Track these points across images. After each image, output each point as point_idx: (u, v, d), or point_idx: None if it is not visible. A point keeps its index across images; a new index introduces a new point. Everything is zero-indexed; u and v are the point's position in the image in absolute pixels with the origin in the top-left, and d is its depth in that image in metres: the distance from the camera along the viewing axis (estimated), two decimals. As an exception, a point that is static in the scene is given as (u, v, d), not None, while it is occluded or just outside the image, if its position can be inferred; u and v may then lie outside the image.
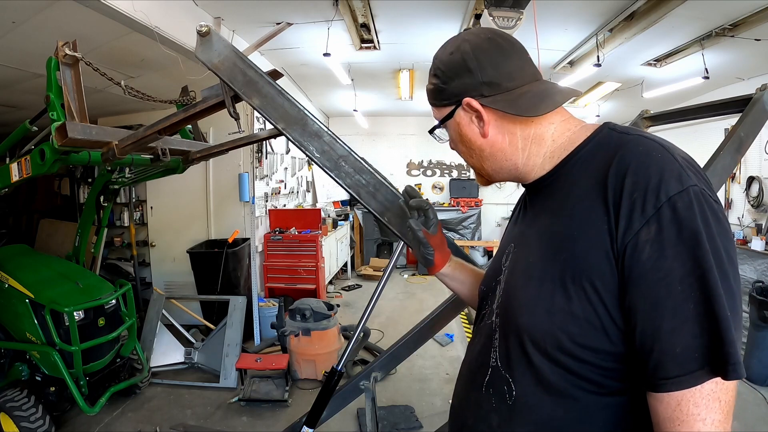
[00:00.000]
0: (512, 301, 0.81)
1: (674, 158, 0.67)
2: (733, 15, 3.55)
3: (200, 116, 1.52)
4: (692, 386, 0.60)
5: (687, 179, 0.65)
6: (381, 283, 1.20)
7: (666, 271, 0.62)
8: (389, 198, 1.19)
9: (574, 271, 0.70)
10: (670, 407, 0.62)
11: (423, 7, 3.59)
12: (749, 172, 5.19)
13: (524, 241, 0.86)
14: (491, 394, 0.82)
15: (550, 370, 0.72)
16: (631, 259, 0.64)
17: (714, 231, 0.62)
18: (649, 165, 0.67)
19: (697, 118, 1.79)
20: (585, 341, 0.69)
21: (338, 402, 1.89)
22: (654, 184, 0.64)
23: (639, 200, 0.65)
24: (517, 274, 0.83)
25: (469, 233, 8.22)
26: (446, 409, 3.60)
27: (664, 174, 0.65)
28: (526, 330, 0.75)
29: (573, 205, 0.75)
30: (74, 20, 2.72)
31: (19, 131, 2.51)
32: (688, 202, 0.63)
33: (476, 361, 0.88)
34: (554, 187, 0.81)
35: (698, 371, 0.60)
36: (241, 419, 3.24)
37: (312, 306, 3.89)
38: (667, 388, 0.62)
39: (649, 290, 0.63)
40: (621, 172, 0.68)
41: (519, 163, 0.84)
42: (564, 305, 0.70)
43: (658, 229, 0.63)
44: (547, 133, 0.83)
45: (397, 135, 8.99)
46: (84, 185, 5.42)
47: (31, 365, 2.88)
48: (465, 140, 0.87)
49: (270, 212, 5.54)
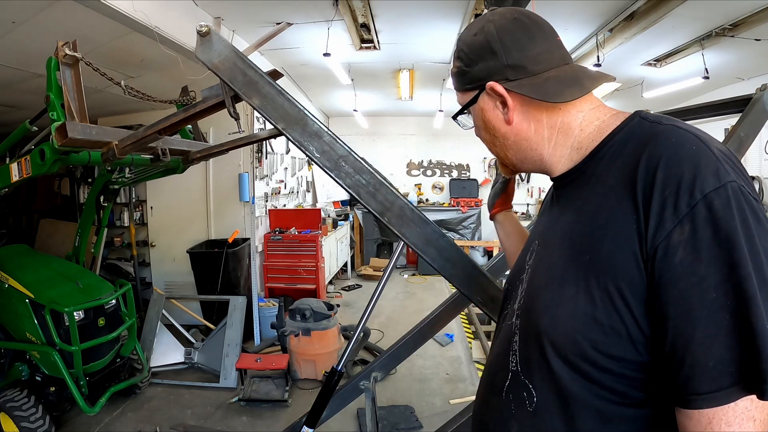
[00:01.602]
0: (533, 303, 0.76)
1: (711, 151, 0.61)
2: (733, 15, 3.55)
3: (200, 116, 1.53)
4: (725, 404, 0.56)
5: (725, 174, 0.59)
6: (381, 283, 1.20)
7: (700, 277, 0.57)
8: (389, 198, 1.19)
9: (598, 274, 0.65)
10: (700, 425, 0.57)
11: (423, 7, 3.59)
12: (749, 172, 5.16)
13: (548, 239, 0.81)
14: (511, 400, 0.77)
15: (570, 377, 0.68)
16: (662, 262, 0.59)
17: (754, 232, 0.57)
18: (682, 158, 0.61)
19: (697, 118, 1.79)
20: (608, 349, 0.64)
21: (338, 402, 1.89)
22: (688, 179, 0.59)
23: (671, 197, 0.59)
24: (539, 274, 0.79)
25: (469, 233, 8.22)
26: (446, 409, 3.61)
27: (700, 168, 0.59)
28: (546, 334, 0.71)
29: (599, 202, 0.69)
30: (74, 20, 2.72)
31: (19, 131, 2.51)
32: (725, 200, 0.57)
33: (496, 364, 0.84)
34: (580, 182, 0.76)
35: (731, 388, 0.55)
36: (241, 419, 3.24)
37: (312, 306, 3.89)
38: (698, 405, 0.57)
39: (681, 297, 0.58)
40: (652, 166, 0.62)
41: (545, 154, 0.80)
42: (587, 310, 0.65)
43: (692, 229, 0.58)
44: (575, 121, 0.77)
45: (397, 135, 8.99)
46: (84, 185, 5.42)
47: (31, 365, 2.87)
48: (489, 127, 0.83)
49: (270, 212, 5.54)
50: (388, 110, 8.31)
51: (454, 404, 3.37)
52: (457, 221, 8.22)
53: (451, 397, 3.49)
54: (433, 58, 4.92)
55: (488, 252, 8.26)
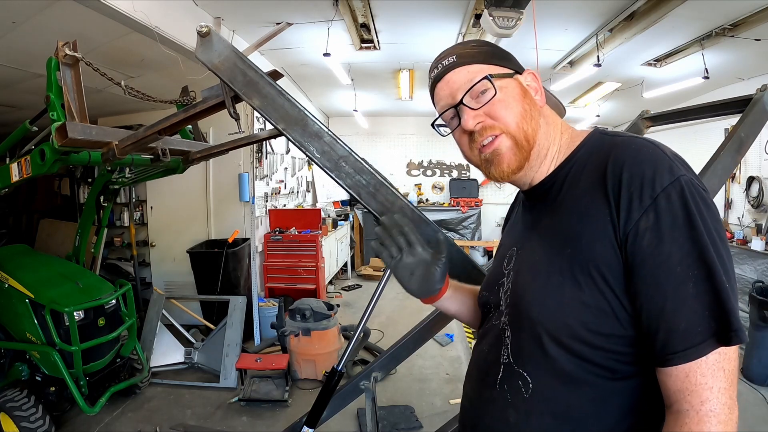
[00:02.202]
0: (523, 298, 0.83)
1: (664, 153, 0.73)
2: (733, 15, 3.55)
3: (200, 116, 1.53)
4: (698, 357, 0.65)
5: (677, 170, 0.70)
6: (381, 283, 1.20)
7: (665, 255, 0.67)
8: (389, 198, 1.19)
9: (581, 262, 0.74)
10: (678, 379, 0.67)
11: (423, 7, 3.59)
12: (749, 172, 5.18)
13: (528, 243, 0.88)
14: (506, 390, 0.82)
15: (566, 359, 0.75)
16: (633, 246, 0.70)
17: (705, 214, 0.68)
18: (642, 160, 0.72)
19: (697, 118, 1.79)
20: (598, 328, 0.73)
21: (338, 402, 1.89)
22: (649, 176, 0.70)
23: (636, 192, 0.70)
24: (523, 274, 0.85)
25: (469, 233, 8.22)
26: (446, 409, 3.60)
27: (657, 167, 0.71)
28: (540, 322, 0.77)
29: (574, 204, 0.79)
30: (74, 20, 2.72)
31: (19, 131, 2.51)
32: (680, 191, 0.68)
33: (486, 360, 0.89)
34: (553, 191, 0.85)
35: (702, 344, 0.65)
36: (241, 419, 3.24)
37: (312, 306, 3.89)
38: (675, 362, 0.66)
39: (651, 274, 0.68)
40: (618, 169, 0.73)
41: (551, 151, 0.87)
42: (575, 295, 0.74)
43: (656, 217, 0.68)
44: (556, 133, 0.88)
45: (397, 135, 8.98)
46: (84, 185, 5.42)
47: (31, 365, 2.87)
48: (529, 97, 0.86)
49: (270, 212, 5.53)
50: (388, 110, 8.30)
51: (454, 404, 3.37)
52: (457, 221, 8.22)
53: (451, 397, 3.49)
54: (433, 58, 4.91)
55: (488, 252, 8.26)
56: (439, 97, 0.91)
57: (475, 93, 0.84)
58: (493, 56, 0.86)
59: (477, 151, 0.86)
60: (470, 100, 0.84)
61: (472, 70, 0.85)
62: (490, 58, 0.86)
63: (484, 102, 0.83)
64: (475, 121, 0.84)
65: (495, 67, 0.85)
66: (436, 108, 0.93)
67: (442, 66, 0.89)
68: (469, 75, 0.84)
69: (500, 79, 0.84)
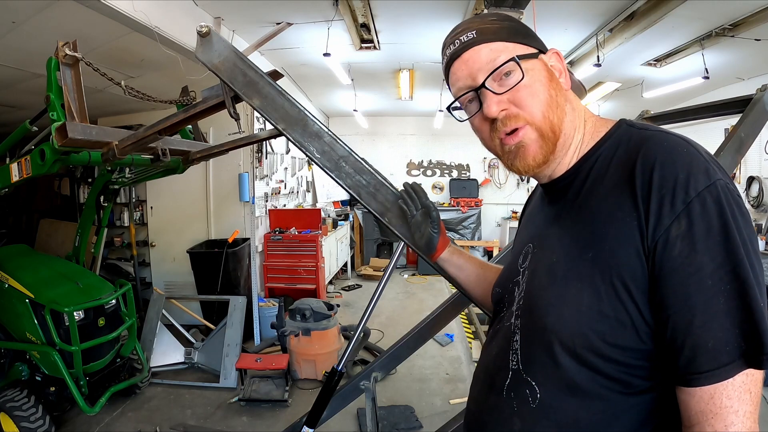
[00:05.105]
0: (537, 303, 0.78)
1: (699, 153, 0.67)
2: (733, 15, 3.55)
3: (200, 116, 1.52)
4: (725, 379, 0.60)
5: (714, 173, 0.64)
6: (381, 283, 1.20)
7: (697, 266, 0.62)
8: (390, 198, 1.19)
9: (602, 269, 0.68)
10: (702, 401, 0.62)
11: (423, 7, 3.59)
12: (749, 172, 5.19)
13: (545, 241, 0.82)
14: (512, 398, 0.78)
15: (577, 370, 0.71)
16: (662, 255, 0.64)
17: (741, 224, 0.63)
18: (675, 160, 0.66)
19: (697, 118, 1.79)
20: (615, 340, 0.68)
21: (338, 402, 1.89)
22: (682, 179, 0.64)
23: (668, 195, 0.64)
24: (539, 275, 0.79)
25: (469, 233, 8.22)
26: (446, 409, 3.60)
27: (692, 169, 0.64)
28: (554, 331, 0.72)
29: (598, 203, 0.72)
30: (74, 20, 2.72)
31: (19, 131, 2.51)
32: (716, 197, 0.63)
33: (494, 364, 0.84)
34: (575, 185, 0.78)
35: (730, 364, 0.60)
36: (241, 419, 3.24)
37: (312, 306, 3.89)
38: (701, 383, 0.61)
39: (681, 285, 0.62)
40: (648, 168, 0.67)
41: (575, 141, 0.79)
42: (593, 304, 0.68)
43: (689, 224, 0.62)
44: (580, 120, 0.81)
45: (397, 135, 8.99)
46: (84, 185, 5.42)
47: (31, 365, 2.87)
48: (555, 81, 0.78)
49: (270, 212, 5.54)
50: (388, 110, 8.31)
51: (454, 404, 3.37)
52: (457, 221, 8.22)
53: (451, 397, 3.49)
54: (433, 58, 4.91)
55: (488, 252, 8.26)
56: (455, 78, 0.80)
57: (498, 75, 0.75)
58: (517, 33, 0.77)
59: (498, 140, 0.78)
60: (493, 83, 0.75)
61: (495, 48, 0.75)
62: (514, 35, 0.77)
63: (509, 87, 0.75)
64: (499, 107, 0.75)
65: (520, 46, 0.76)
66: (450, 90, 0.83)
67: (459, 42, 0.78)
68: (492, 54, 0.75)
69: (527, 61, 0.75)
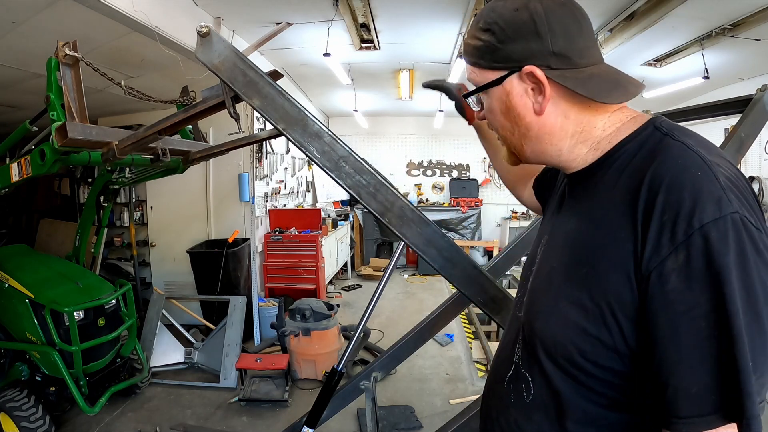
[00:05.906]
0: (532, 304, 0.81)
1: (716, 178, 0.60)
2: (733, 15, 3.55)
3: (200, 117, 1.53)
4: (704, 430, 0.57)
5: (727, 205, 0.58)
6: (381, 283, 1.20)
7: (690, 305, 0.57)
8: (390, 198, 1.19)
9: (592, 289, 0.67)
10: None
11: (423, 7, 3.59)
12: (749, 172, 5.19)
13: (555, 239, 0.82)
14: (511, 390, 0.82)
15: (560, 378, 0.72)
16: (655, 287, 0.60)
17: (751, 265, 0.56)
18: (684, 183, 0.60)
19: (697, 118, 1.79)
20: (595, 359, 0.67)
21: (338, 402, 1.89)
22: (688, 207, 0.58)
23: (669, 223, 0.59)
24: (541, 276, 0.82)
25: (469, 233, 8.22)
26: (446, 409, 3.60)
27: (701, 196, 0.58)
28: (539, 337, 0.75)
29: (603, 214, 0.70)
30: (74, 20, 2.72)
31: (19, 131, 2.51)
32: (723, 232, 0.56)
33: (503, 353, 0.88)
34: (589, 184, 0.76)
35: (712, 415, 0.57)
36: (241, 419, 3.24)
37: (312, 306, 3.89)
38: (679, 428, 0.59)
39: (671, 323, 0.59)
40: (654, 188, 0.62)
41: (564, 150, 0.76)
42: (578, 321, 0.68)
43: (687, 258, 0.57)
44: (600, 122, 0.74)
45: (397, 135, 8.99)
46: (84, 185, 5.42)
47: (31, 365, 2.87)
48: (512, 114, 0.76)
49: (270, 212, 5.54)
50: (388, 110, 8.31)
51: (454, 404, 3.37)
52: (457, 221, 8.22)
53: (451, 397, 3.49)
54: (433, 58, 4.92)
55: (488, 252, 8.27)
56: None
57: None
58: (493, 51, 0.74)
59: None
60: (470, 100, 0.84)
61: (470, 71, 0.79)
62: (490, 53, 0.74)
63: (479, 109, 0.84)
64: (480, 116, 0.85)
65: (489, 73, 0.76)
66: None
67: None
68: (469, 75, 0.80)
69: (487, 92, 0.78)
